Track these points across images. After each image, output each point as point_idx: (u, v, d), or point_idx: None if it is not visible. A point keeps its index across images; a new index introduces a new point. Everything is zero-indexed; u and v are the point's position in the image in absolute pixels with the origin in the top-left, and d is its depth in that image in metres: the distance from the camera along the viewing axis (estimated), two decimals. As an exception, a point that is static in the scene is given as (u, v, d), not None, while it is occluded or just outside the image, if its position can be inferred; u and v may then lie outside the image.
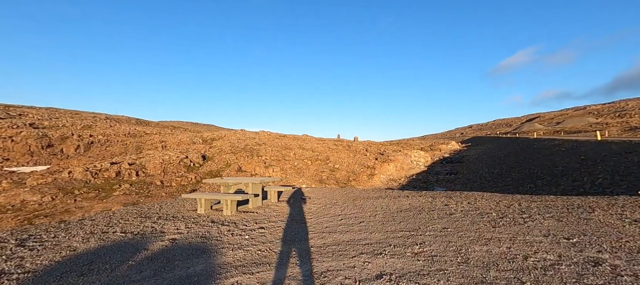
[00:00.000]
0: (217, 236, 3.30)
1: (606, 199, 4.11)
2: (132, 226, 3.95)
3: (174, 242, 3.13)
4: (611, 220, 2.91)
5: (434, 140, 56.07)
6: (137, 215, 4.67)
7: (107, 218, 4.55)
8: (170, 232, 3.60)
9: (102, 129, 32.09)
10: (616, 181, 7.52)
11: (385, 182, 17.59)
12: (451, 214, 3.71)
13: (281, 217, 4.13)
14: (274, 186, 6.18)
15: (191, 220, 4.13)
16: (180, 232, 3.55)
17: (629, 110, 44.03)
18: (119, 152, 25.57)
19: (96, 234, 3.65)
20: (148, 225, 3.95)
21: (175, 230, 3.68)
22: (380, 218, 3.81)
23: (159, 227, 3.82)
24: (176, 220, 4.19)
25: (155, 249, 2.91)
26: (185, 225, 3.88)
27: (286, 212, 4.47)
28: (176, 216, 4.46)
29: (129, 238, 3.38)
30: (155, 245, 3.05)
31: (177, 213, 4.70)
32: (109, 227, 3.94)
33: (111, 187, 11.12)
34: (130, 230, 3.77)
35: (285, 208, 4.82)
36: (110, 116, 50.68)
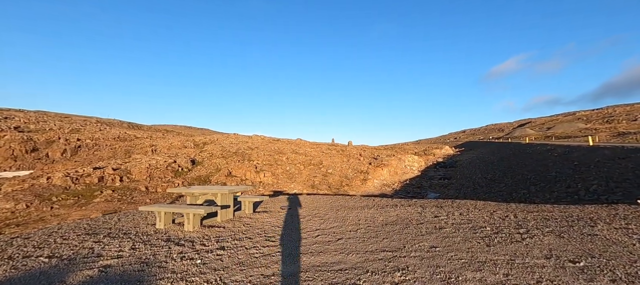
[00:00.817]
0: (162, 261, 2.81)
1: (606, 209, 3.90)
2: (68, 247, 3.38)
3: (104, 271, 2.62)
4: (618, 237, 2.67)
5: (428, 144, 56.27)
6: (84, 231, 4.12)
7: (45, 235, 3.97)
8: (108, 255, 3.06)
9: (91, 133, 31.28)
10: (611, 188, 7.38)
11: (379, 187, 17.34)
12: (441, 228, 3.41)
13: (249, 234, 3.71)
14: (249, 196, 5.70)
15: (143, 239, 3.63)
16: (121, 256, 3.03)
17: (617, 116, 44.90)
18: (107, 157, 24.86)
19: (15, 258, 3.03)
20: (87, 246, 3.39)
21: (116, 253, 3.14)
22: (362, 233, 3.47)
23: (98, 249, 3.28)
24: (125, 238, 3.68)
25: (73, 283, 2.41)
26: (132, 245, 3.38)
27: (257, 227, 4.06)
28: (128, 233, 3.93)
29: (52, 265, 2.81)
30: (77, 277, 2.51)
31: (133, 228, 4.18)
32: (37, 249, 3.36)
33: (92, 194, 10.61)
34: (61, 253, 3.18)
35: (258, 221, 4.41)
36: (102, 120, 49.63)
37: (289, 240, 3.35)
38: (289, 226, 4.01)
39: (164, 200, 10.38)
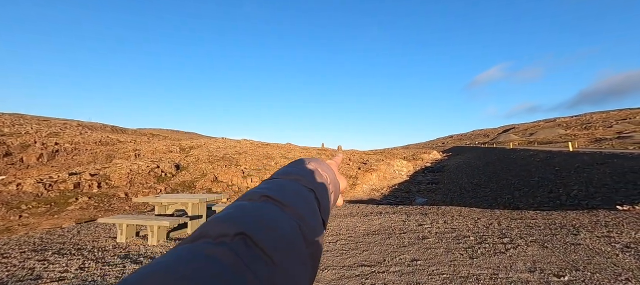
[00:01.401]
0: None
1: (587, 215, 3.92)
2: (4, 268, 2.94)
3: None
4: (601, 246, 2.64)
5: (417, 149, 57.04)
6: (31, 246, 3.65)
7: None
8: (48, 277, 2.66)
9: (71, 137, 30.02)
10: (591, 193, 7.55)
11: (368, 192, 17.29)
12: (424, 238, 3.30)
13: None
14: (224, 205, 5.36)
15: (97, 256, 3.24)
16: (63, 278, 2.64)
17: (594, 123, 46.92)
18: (87, 162, 23.87)
19: None
20: (28, 266, 2.95)
21: (59, 274, 2.73)
22: (341, 245, 3.30)
23: (39, 269, 2.84)
24: (77, 255, 3.26)
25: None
26: (82, 263, 2.99)
27: None
28: (83, 248, 3.51)
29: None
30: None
31: (90, 243, 3.77)
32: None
33: (66, 201, 10.04)
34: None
35: None
36: (83, 123, 47.81)
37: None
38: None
39: (144, 207, 9.93)
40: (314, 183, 0.32)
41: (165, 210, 4.52)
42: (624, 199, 6.20)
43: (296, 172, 0.33)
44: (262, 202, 0.24)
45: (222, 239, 0.16)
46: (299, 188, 0.29)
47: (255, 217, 0.20)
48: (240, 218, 0.19)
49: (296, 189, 0.29)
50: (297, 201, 0.26)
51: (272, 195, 0.25)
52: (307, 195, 0.29)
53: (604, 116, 57.76)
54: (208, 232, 0.17)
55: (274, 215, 0.21)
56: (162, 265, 0.14)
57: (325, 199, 0.32)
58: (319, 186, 0.33)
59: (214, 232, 0.17)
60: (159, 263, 0.15)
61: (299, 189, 0.29)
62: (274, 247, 0.18)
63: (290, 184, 0.29)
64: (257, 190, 0.26)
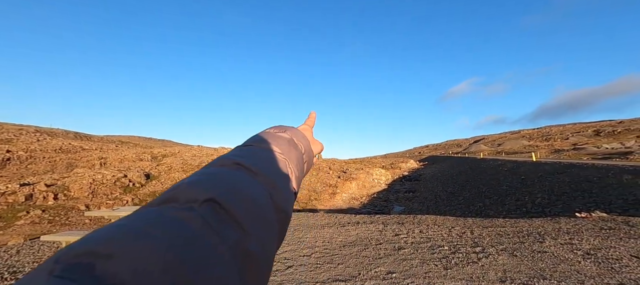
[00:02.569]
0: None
1: (551, 223, 4.13)
2: None
3: None
4: (564, 254, 2.76)
5: (395, 158, 58.56)
6: None
7: None
8: None
9: (26, 144, 27.41)
10: (553, 201, 8.08)
11: (347, 201, 17.30)
12: (400, 249, 3.29)
13: None
14: None
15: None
16: None
17: (553, 135, 51.00)
18: (43, 171, 21.87)
19: None
20: None
21: None
22: (316, 258, 3.19)
23: None
24: (10, 279, 2.79)
25: None
26: None
27: None
28: (19, 271, 2.98)
29: None
30: None
31: (28, 264, 3.25)
32: None
33: (15, 215, 9.02)
34: None
35: None
36: (42, 129, 43.91)
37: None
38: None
39: (108, 220, 9.15)
40: (288, 152, 0.32)
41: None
42: (582, 206, 6.68)
43: (270, 141, 0.32)
44: (234, 169, 0.24)
45: (190, 204, 0.17)
46: (272, 156, 0.29)
47: (225, 183, 0.20)
48: (210, 184, 0.20)
49: (269, 157, 0.29)
50: (269, 170, 0.26)
51: (244, 163, 0.25)
52: (280, 164, 0.29)
53: (561, 129, 63.06)
54: (176, 196, 0.18)
55: (245, 182, 0.22)
56: (128, 226, 0.14)
57: (298, 168, 0.33)
58: (292, 155, 0.33)
59: (182, 197, 0.17)
60: (124, 224, 0.14)
61: (272, 157, 0.29)
62: (244, 213, 0.18)
63: (264, 153, 0.29)
64: (229, 156, 0.26)
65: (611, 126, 44.55)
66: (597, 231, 3.54)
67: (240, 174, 0.23)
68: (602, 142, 28.95)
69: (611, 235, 3.35)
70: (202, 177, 0.21)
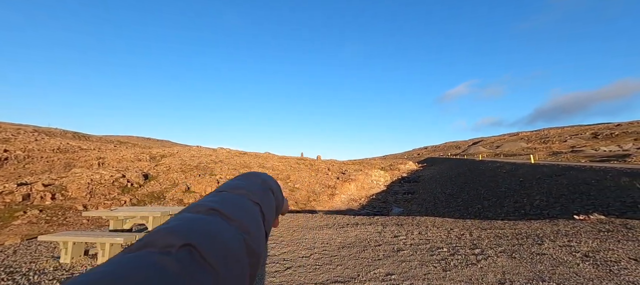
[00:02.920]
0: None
1: (549, 225, 4.14)
2: None
3: None
4: (563, 256, 2.77)
5: (394, 159, 58.59)
6: None
7: None
8: None
9: (24, 144, 27.28)
10: (551, 203, 8.09)
11: (346, 202, 17.31)
12: (399, 251, 3.29)
13: None
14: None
15: (32, 280, 2.74)
16: None
17: (551, 138, 51.19)
18: (41, 171, 21.79)
19: None
20: None
21: None
22: (315, 259, 3.19)
23: None
24: (7, 279, 2.77)
25: None
26: None
27: None
28: (16, 271, 2.95)
29: None
30: None
31: (26, 265, 3.22)
32: None
33: (12, 215, 8.97)
34: None
35: None
36: (40, 129, 43.71)
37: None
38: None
39: (106, 220, 9.12)
40: (261, 197, 0.33)
41: (122, 225, 4.09)
42: (580, 208, 6.70)
43: (244, 186, 0.34)
44: (209, 215, 0.25)
45: (168, 249, 0.18)
46: (245, 202, 0.30)
47: (201, 229, 0.21)
48: (186, 229, 0.20)
49: (242, 203, 0.30)
50: (242, 215, 0.27)
51: (219, 208, 0.25)
52: (253, 209, 0.30)
53: (559, 131, 63.31)
54: (153, 242, 0.18)
55: (220, 227, 0.23)
56: (105, 272, 0.15)
57: (269, 213, 0.34)
58: (264, 200, 0.34)
59: (159, 242, 0.18)
60: (102, 271, 0.15)
61: (245, 203, 0.30)
62: (219, 258, 0.19)
63: (237, 199, 0.30)
64: (204, 203, 0.27)
65: (609, 129, 44.79)
66: (596, 233, 3.56)
67: (215, 219, 0.24)
68: (600, 145, 29.09)
69: (609, 237, 3.36)
70: (178, 222, 0.22)
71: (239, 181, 0.35)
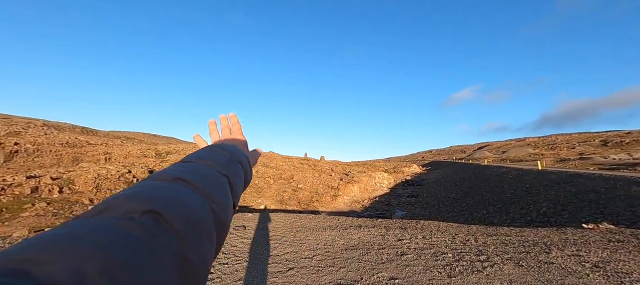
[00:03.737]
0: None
1: (557, 233, 4.06)
2: None
3: None
4: (572, 266, 2.71)
5: (398, 162, 58.26)
6: None
7: None
8: None
9: (34, 137, 27.80)
10: (558, 210, 7.95)
11: (349, 204, 17.24)
12: (403, 255, 3.25)
13: None
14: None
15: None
16: None
17: (559, 144, 50.35)
18: (50, 164, 22.16)
19: None
20: None
21: None
22: (317, 261, 3.16)
23: None
24: None
25: None
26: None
27: None
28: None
29: None
30: None
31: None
32: None
33: (20, 207, 9.13)
34: None
35: None
36: (49, 123, 44.51)
37: (229, 271, 2.92)
38: (236, 253, 3.57)
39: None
40: (228, 168, 0.34)
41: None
42: (588, 217, 6.56)
43: (210, 158, 0.33)
44: (174, 183, 0.25)
45: (130, 215, 0.17)
46: (212, 172, 0.30)
47: (166, 196, 0.21)
48: (149, 196, 0.20)
49: (209, 173, 0.30)
50: (209, 184, 0.27)
51: (184, 177, 0.26)
52: (220, 180, 0.30)
53: (567, 138, 62.26)
54: (113, 207, 0.18)
55: (186, 195, 0.23)
56: (65, 233, 0.14)
57: (237, 183, 0.34)
58: (232, 171, 0.34)
59: (120, 208, 0.17)
60: (62, 232, 0.14)
61: (212, 173, 0.30)
62: (184, 224, 0.19)
63: (204, 169, 0.30)
64: (169, 171, 0.27)
65: (619, 137, 43.89)
66: (605, 243, 3.47)
67: (180, 186, 0.24)
68: (610, 153, 28.52)
69: (620, 248, 3.27)
70: (142, 188, 0.21)
71: (206, 152, 0.35)
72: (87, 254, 0.13)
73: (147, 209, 0.18)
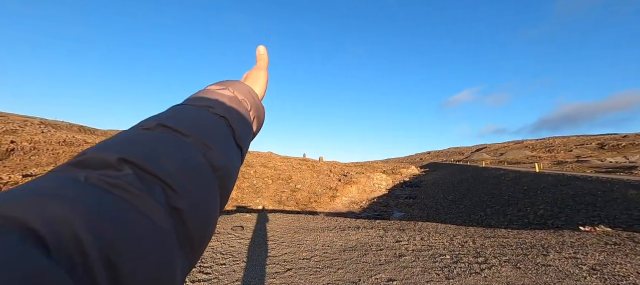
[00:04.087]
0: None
1: (554, 236, 4.07)
2: None
3: None
4: (570, 268, 2.71)
5: (396, 163, 58.37)
6: None
7: None
8: None
9: (30, 135, 27.60)
10: (556, 213, 7.98)
11: (347, 205, 17.24)
12: (401, 256, 3.25)
13: None
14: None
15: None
16: None
17: (556, 147, 50.63)
18: (46, 163, 22.04)
19: None
20: None
21: None
22: (315, 262, 3.15)
23: None
24: None
25: None
26: None
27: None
28: None
29: None
30: None
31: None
32: None
33: (16, 206, 9.08)
34: None
35: None
36: (46, 121, 44.20)
37: (227, 272, 2.90)
38: (233, 253, 3.56)
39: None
40: (227, 109, 0.30)
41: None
42: (585, 219, 6.59)
43: (207, 99, 0.30)
44: (158, 131, 0.23)
45: (106, 169, 0.15)
46: (205, 115, 0.27)
47: (146, 145, 0.19)
48: (126, 146, 0.18)
49: (202, 116, 0.27)
50: (202, 129, 0.25)
51: (171, 125, 0.23)
52: (217, 123, 0.27)
53: (564, 141, 62.62)
54: (87, 161, 0.16)
55: (169, 143, 0.21)
56: (39, 188, 0.12)
57: (241, 124, 0.31)
58: (233, 112, 0.31)
59: (95, 161, 0.16)
60: (35, 187, 0.12)
61: (205, 116, 0.27)
62: (171, 173, 0.17)
63: (197, 112, 0.27)
64: (155, 117, 0.25)
65: (615, 140, 44.21)
66: (602, 246, 3.49)
67: (164, 135, 0.22)
68: (606, 156, 28.71)
69: (617, 251, 3.29)
70: (120, 138, 0.20)
71: (204, 93, 0.32)
72: (66, 210, 0.11)
73: (122, 158, 0.16)
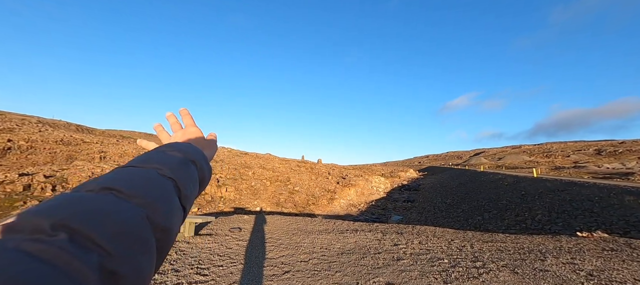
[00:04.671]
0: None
1: (552, 240, 4.08)
2: None
3: None
4: (567, 274, 2.72)
5: (395, 167, 58.34)
6: None
7: None
8: None
9: (28, 134, 27.44)
10: (553, 218, 8.00)
11: (345, 208, 17.21)
12: (399, 260, 3.25)
13: (178, 265, 3.10)
14: (193, 215, 4.89)
15: None
16: None
17: (554, 152, 50.85)
18: (43, 162, 21.89)
19: None
20: None
21: None
22: (313, 265, 3.14)
23: None
24: None
25: None
26: None
27: (191, 256, 3.47)
28: None
29: None
30: None
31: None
32: None
33: (12, 204, 8.99)
34: None
35: (196, 248, 3.76)
36: (44, 120, 43.98)
37: (225, 273, 2.89)
38: (231, 255, 3.53)
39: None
40: (176, 171, 0.30)
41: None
42: (582, 225, 6.61)
43: (157, 160, 0.31)
44: (101, 193, 0.22)
45: (38, 235, 0.15)
46: (153, 176, 0.27)
47: (86, 208, 0.19)
48: (63, 210, 0.18)
49: (150, 177, 0.27)
50: (147, 191, 0.25)
51: (115, 186, 0.23)
52: (164, 184, 0.27)
53: (562, 146, 62.91)
54: (20, 225, 0.16)
55: (111, 206, 0.21)
56: None
57: (188, 186, 0.31)
58: (180, 174, 0.31)
59: (28, 226, 0.16)
60: None
61: (153, 177, 0.27)
62: (108, 237, 0.17)
63: (144, 173, 0.27)
64: (98, 181, 0.24)
65: (612, 146, 44.48)
66: (599, 252, 3.50)
67: (105, 197, 0.21)
68: (603, 162, 28.86)
69: (613, 256, 3.30)
70: (56, 202, 0.19)
71: (154, 154, 0.32)
72: None
73: (57, 223, 0.15)
